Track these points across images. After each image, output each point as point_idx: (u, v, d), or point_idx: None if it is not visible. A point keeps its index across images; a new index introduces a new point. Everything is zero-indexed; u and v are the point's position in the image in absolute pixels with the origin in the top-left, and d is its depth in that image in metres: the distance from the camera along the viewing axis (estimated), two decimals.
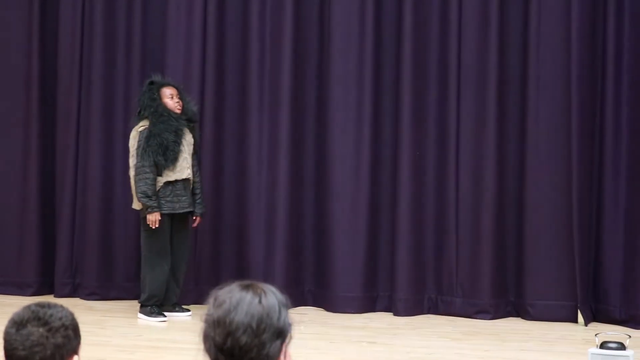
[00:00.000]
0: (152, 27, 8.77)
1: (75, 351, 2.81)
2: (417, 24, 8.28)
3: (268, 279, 8.10)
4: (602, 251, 8.05)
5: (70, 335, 2.79)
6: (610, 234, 8.02)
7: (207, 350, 2.48)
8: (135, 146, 7.72)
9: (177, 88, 7.93)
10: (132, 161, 7.77)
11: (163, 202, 7.68)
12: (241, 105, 8.54)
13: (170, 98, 7.82)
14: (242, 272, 8.25)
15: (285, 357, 2.72)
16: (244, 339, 2.42)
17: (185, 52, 8.58)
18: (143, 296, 7.80)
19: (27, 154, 8.82)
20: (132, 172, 7.79)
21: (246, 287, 2.51)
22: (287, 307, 2.55)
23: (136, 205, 7.83)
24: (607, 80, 8.01)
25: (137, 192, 7.70)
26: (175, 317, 7.86)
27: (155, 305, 7.75)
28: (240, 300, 2.47)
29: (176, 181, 7.73)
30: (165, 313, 7.80)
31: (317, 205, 8.56)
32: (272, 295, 2.52)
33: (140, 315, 7.84)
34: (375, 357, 6.66)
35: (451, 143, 8.31)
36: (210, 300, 2.52)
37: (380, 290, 8.46)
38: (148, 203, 7.62)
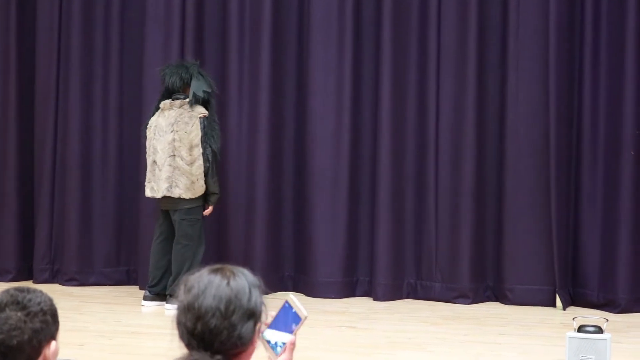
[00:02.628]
0: (131, 13, 8.74)
1: (53, 337, 2.80)
2: (396, 8, 8.28)
3: (247, 264, 8.05)
4: (581, 236, 8.09)
5: (49, 321, 2.78)
6: (589, 219, 8.06)
7: (180, 335, 2.48)
8: (200, 135, 7.55)
9: None
10: (199, 150, 7.54)
11: None
12: (220, 90, 8.52)
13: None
14: (222, 258, 8.24)
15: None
16: (213, 322, 2.43)
17: (164, 40, 8.54)
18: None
19: (5, 140, 8.77)
20: (198, 162, 7.55)
21: (215, 271, 2.52)
22: (260, 289, 2.54)
23: (189, 193, 7.57)
24: (585, 64, 8.03)
25: (214, 182, 7.62)
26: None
27: None
28: (208, 284, 2.48)
29: None
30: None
31: (296, 191, 8.56)
32: (242, 277, 2.51)
33: (157, 304, 7.70)
34: (354, 342, 6.68)
35: (430, 130, 8.32)
36: (181, 286, 2.52)
37: (360, 275, 8.48)
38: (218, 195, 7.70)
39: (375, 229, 8.35)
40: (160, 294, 7.74)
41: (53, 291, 8.21)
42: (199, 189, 7.58)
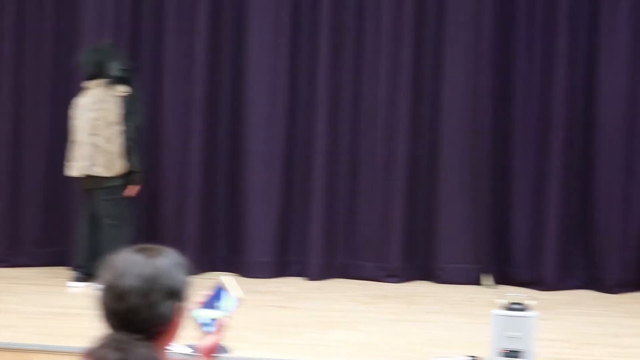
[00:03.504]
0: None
1: None
2: None
3: (180, 244, 8.07)
4: (510, 216, 8.19)
5: None
6: (518, 198, 8.16)
7: (102, 316, 2.48)
8: (123, 113, 7.49)
9: None
10: (117, 127, 7.48)
11: None
12: (155, 69, 8.47)
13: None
14: (154, 238, 8.17)
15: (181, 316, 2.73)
16: (132, 301, 2.42)
17: (99, 23, 8.45)
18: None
19: None
20: (117, 140, 7.47)
21: (138, 251, 2.51)
22: (184, 269, 2.54)
23: (109, 171, 7.52)
24: (519, 42, 8.11)
25: (134, 161, 7.51)
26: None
27: None
28: (130, 263, 2.47)
29: None
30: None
31: (230, 171, 8.53)
32: (165, 257, 2.51)
33: (86, 285, 7.59)
34: (285, 321, 6.70)
35: (367, 106, 8.34)
36: (104, 266, 2.51)
37: (293, 255, 8.50)
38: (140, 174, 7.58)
39: (308, 209, 8.36)
40: (89, 274, 7.69)
41: None
42: (119, 167, 7.54)
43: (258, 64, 8.39)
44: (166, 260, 2.51)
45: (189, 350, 5.47)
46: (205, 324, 2.70)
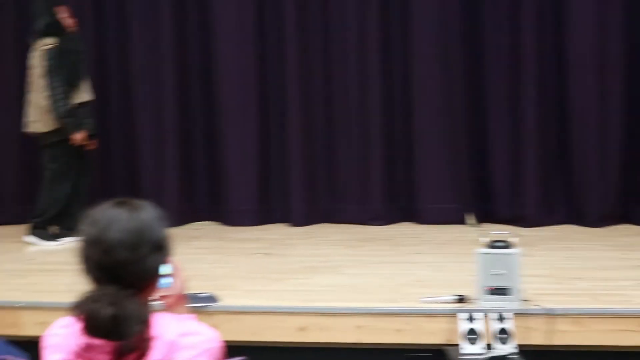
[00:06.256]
0: None
1: None
2: None
3: (160, 196, 8.05)
4: (489, 152, 8.19)
5: None
6: (496, 134, 8.16)
7: (87, 270, 2.46)
8: (47, 66, 7.40)
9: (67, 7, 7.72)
10: (43, 82, 7.41)
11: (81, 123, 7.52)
12: (123, 22, 8.40)
13: (69, 16, 7.60)
14: (133, 190, 8.18)
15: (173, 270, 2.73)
16: (121, 254, 2.42)
17: None
18: (42, 217, 7.64)
19: None
20: (45, 93, 7.40)
21: (119, 204, 2.51)
22: (164, 222, 2.53)
23: (44, 127, 7.50)
24: None
25: (57, 113, 7.38)
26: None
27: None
28: (114, 217, 2.47)
29: (87, 102, 7.57)
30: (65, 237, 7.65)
31: (206, 121, 8.49)
32: (147, 210, 2.51)
33: (33, 239, 7.70)
34: (269, 268, 6.70)
35: (337, 54, 8.29)
36: (85, 219, 2.49)
37: (275, 201, 8.49)
38: (73, 122, 7.41)
39: (288, 155, 8.34)
40: (37, 227, 7.70)
41: None
42: (49, 122, 7.48)
43: (226, 15, 8.32)
44: (149, 214, 2.51)
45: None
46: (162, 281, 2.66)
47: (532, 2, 7.94)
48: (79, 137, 7.46)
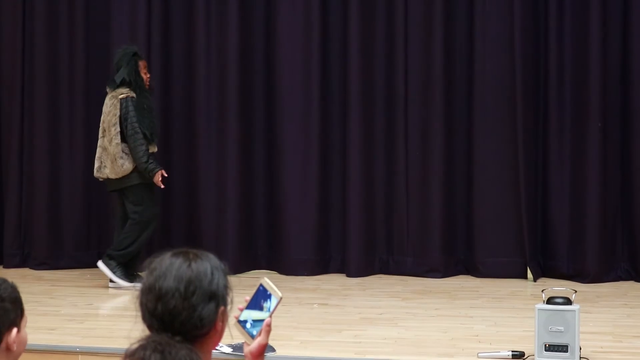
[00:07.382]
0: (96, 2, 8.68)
1: (14, 323, 2.79)
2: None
3: (219, 244, 8.09)
4: (549, 206, 8.12)
5: (7, 308, 2.77)
6: (557, 189, 8.10)
7: (142, 317, 2.49)
8: (118, 114, 7.58)
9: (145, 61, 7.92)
10: (115, 129, 7.57)
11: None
12: (187, 65, 8.50)
13: (145, 72, 7.78)
14: (193, 239, 8.22)
15: (224, 321, 2.72)
16: (172, 303, 2.44)
17: (130, 17, 8.52)
18: (121, 252, 7.69)
19: None
20: (115, 140, 7.56)
21: (177, 254, 2.54)
22: (224, 272, 2.55)
23: (113, 173, 7.63)
24: (550, 32, 8.05)
25: (138, 158, 7.55)
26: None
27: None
28: (170, 265, 2.50)
29: (154, 153, 7.72)
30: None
31: (267, 169, 8.54)
32: (205, 260, 2.53)
33: (105, 269, 7.70)
34: (325, 319, 6.68)
35: (399, 104, 8.30)
36: (145, 268, 2.53)
37: (333, 252, 8.49)
38: (151, 166, 7.56)
39: (347, 205, 8.35)
40: (129, 274, 7.74)
41: (24, 275, 8.19)
42: (119, 168, 7.61)
43: (289, 58, 8.38)
44: (206, 264, 2.53)
45: (228, 350, 5.48)
46: (250, 328, 2.69)
47: (598, 66, 7.89)
48: (158, 177, 7.59)
